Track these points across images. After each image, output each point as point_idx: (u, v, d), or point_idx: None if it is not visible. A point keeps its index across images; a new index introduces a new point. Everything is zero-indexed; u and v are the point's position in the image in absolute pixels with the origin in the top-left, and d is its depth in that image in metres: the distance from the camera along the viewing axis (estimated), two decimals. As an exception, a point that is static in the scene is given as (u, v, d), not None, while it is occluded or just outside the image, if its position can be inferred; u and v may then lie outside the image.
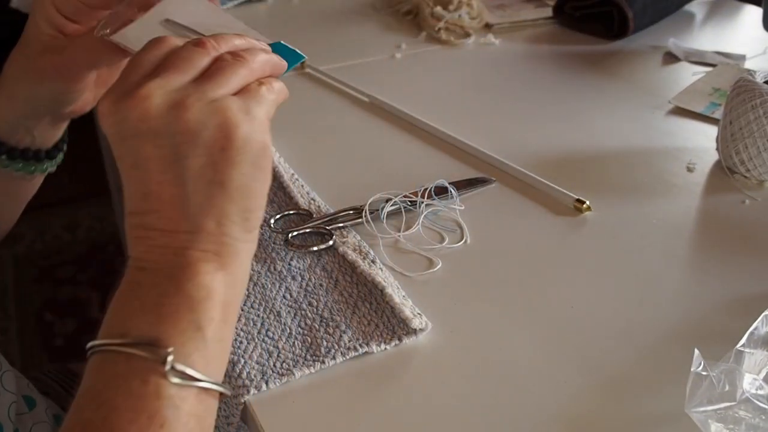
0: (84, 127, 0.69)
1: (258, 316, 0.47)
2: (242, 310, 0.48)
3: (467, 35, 0.97)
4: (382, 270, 0.51)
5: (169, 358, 0.32)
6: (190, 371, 0.33)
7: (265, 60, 0.38)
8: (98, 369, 0.34)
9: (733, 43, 0.95)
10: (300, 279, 0.51)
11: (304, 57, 0.42)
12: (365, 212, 0.56)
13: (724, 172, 0.65)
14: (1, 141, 0.52)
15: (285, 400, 0.42)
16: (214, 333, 0.34)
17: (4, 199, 0.57)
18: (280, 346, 0.45)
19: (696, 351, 0.40)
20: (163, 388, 0.32)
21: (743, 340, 0.42)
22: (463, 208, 0.59)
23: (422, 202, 0.59)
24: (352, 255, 0.52)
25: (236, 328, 0.46)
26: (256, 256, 0.52)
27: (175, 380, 0.32)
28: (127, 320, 0.34)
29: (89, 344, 0.34)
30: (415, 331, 0.46)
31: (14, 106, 0.51)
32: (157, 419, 0.32)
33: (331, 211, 0.57)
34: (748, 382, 0.39)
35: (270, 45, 0.41)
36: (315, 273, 0.51)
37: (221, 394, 0.35)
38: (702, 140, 0.71)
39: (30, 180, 0.55)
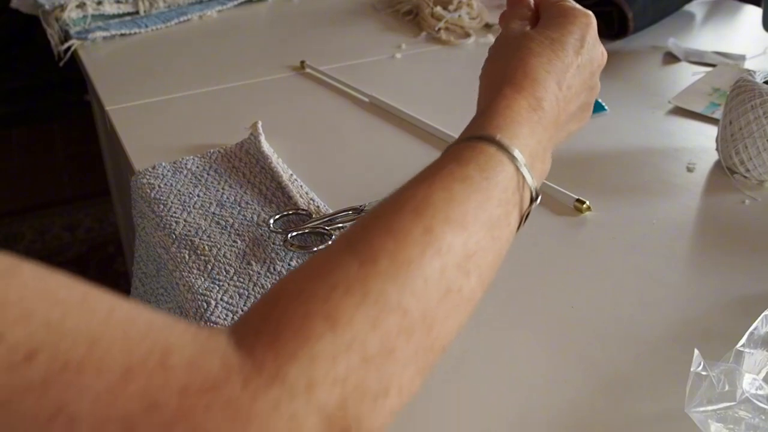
0: (85, 128, 0.69)
1: (258, 316, 0.47)
2: (242, 310, 0.47)
3: (467, 35, 0.97)
4: (381, 270, 0.51)
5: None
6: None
7: None
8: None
9: (733, 44, 0.95)
10: (300, 279, 0.51)
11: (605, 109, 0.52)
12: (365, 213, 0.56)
13: (723, 172, 0.65)
14: None
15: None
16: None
17: None
18: (279, 346, 0.45)
19: (696, 351, 0.40)
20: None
21: (743, 340, 0.42)
22: (462, 208, 0.59)
23: (422, 202, 0.58)
24: (351, 255, 0.52)
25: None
26: (255, 256, 0.52)
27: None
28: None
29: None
30: (414, 331, 0.46)
31: None
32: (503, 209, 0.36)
33: (331, 211, 0.57)
34: (748, 382, 0.39)
35: None
36: (315, 273, 0.51)
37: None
38: (702, 140, 0.70)
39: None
